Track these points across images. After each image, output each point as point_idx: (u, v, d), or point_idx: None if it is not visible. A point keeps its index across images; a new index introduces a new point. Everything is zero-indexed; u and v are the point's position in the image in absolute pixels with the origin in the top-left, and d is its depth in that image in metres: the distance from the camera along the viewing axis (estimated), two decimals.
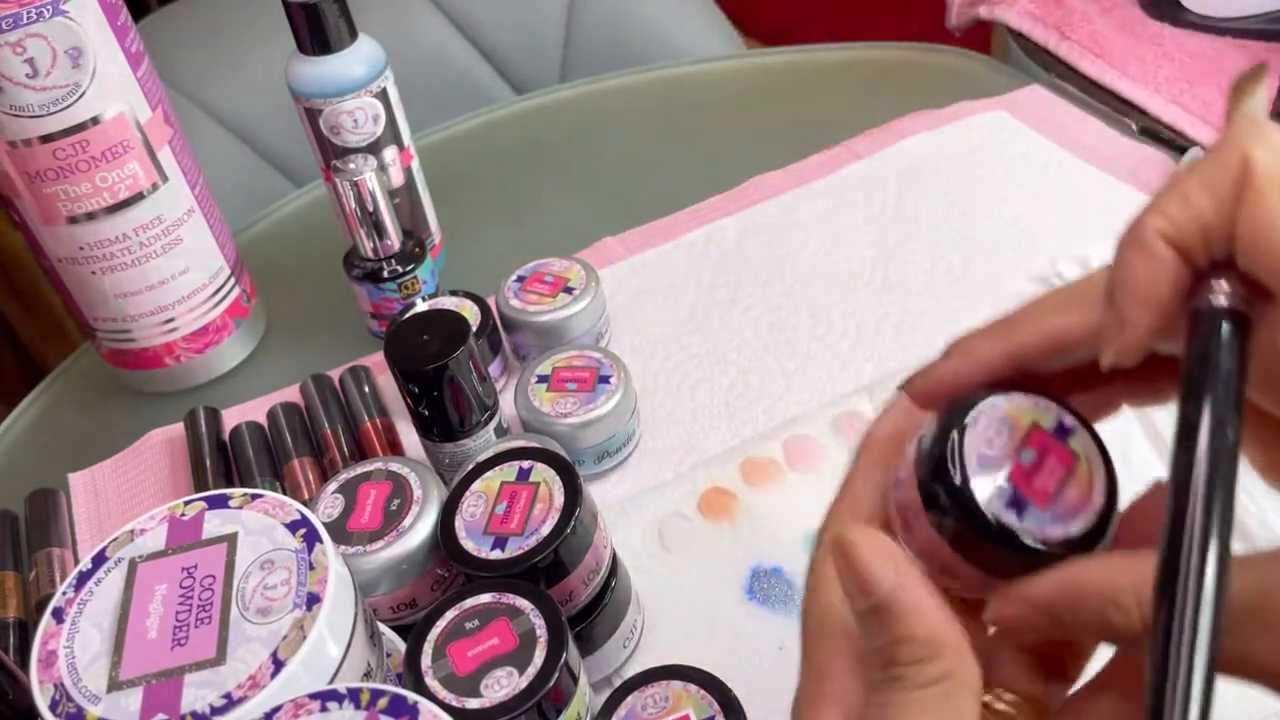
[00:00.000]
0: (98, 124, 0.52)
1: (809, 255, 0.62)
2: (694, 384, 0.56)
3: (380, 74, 0.58)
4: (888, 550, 0.24)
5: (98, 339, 0.60)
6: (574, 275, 0.56)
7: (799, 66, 0.83)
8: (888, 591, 0.23)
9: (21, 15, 0.48)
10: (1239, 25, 0.75)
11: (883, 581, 0.23)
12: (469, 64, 0.99)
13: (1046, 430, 0.25)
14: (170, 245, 0.57)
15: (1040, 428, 0.25)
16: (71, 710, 0.28)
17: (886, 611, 0.23)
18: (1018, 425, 0.25)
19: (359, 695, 0.27)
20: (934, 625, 0.23)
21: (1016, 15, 0.82)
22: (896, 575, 0.24)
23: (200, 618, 0.30)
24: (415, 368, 0.45)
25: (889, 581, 0.23)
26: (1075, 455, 0.25)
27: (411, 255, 0.59)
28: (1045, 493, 0.25)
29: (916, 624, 0.23)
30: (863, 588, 0.24)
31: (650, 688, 0.38)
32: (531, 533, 0.38)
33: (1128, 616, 0.22)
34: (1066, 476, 0.25)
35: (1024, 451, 0.25)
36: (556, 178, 0.75)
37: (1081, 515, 0.24)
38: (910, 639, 0.23)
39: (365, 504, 0.42)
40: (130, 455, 0.57)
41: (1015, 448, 0.25)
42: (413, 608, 0.41)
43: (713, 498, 0.48)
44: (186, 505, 0.33)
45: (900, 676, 0.23)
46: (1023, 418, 0.26)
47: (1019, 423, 0.25)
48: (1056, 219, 0.61)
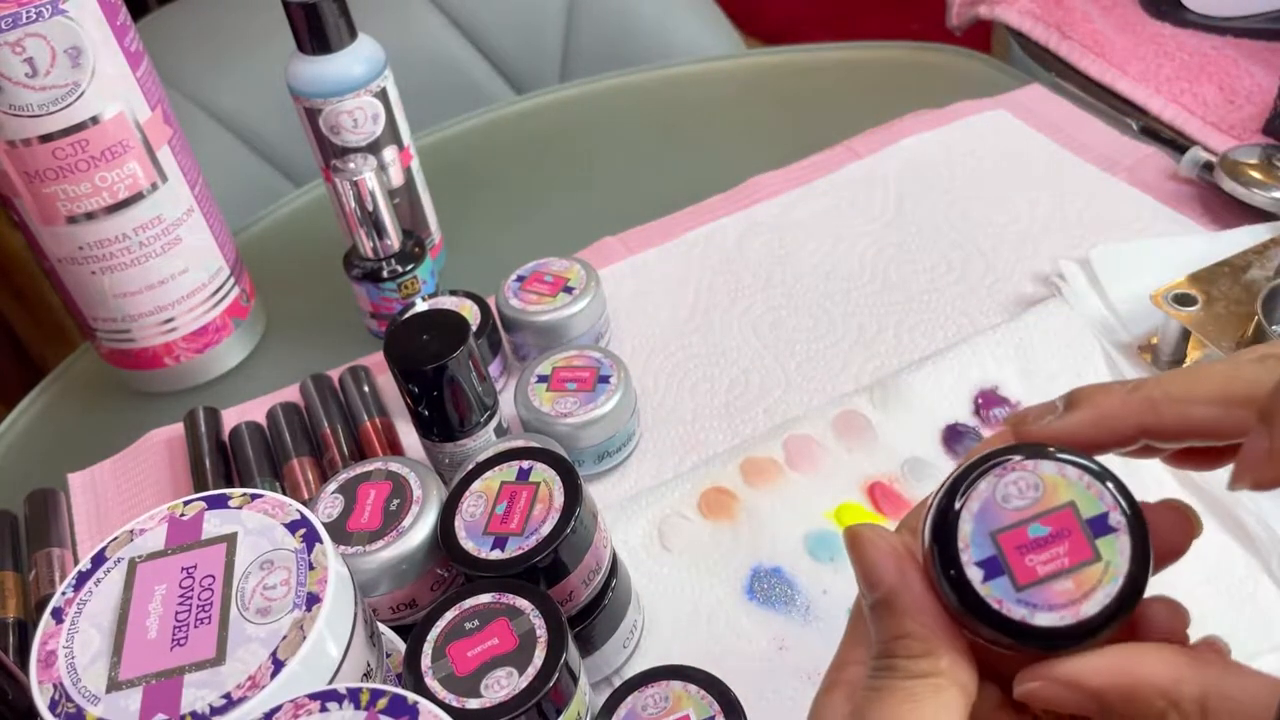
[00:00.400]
0: (97, 123, 0.52)
1: (809, 255, 0.62)
2: (694, 384, 0.56)
3: (380, 73, 0.58)
4: (893, 549, 0.25)
5: (97, 339, 0.60)
6: (574, 275, 0.56)
7: (799, 66, 0.83)
8: (889, 588, 0.24)
9: (21, 15, 0.48)
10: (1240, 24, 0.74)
11: (884, 577, 0.24)
12: (469, 64, 0.99)
13: (1080, 516, 0.24)
14: (170, 245, 0.57)
15: (1075, 510, 0.24)
16: (71, 710, 0.28)
17: (888, 607, 0.24)
18: (1050, 495, 0.24)
19: (359, 695, 0.27)
20: (931, 625, 0.24)
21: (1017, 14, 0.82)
22: (899, 575, 0.24)
23: (200, 618, 0.30)
24: (415, 368, 0.45)
25: (890, 578, 0.24)
26: (1096, 555, 0.23)
27: (411, 255, 0.59)
28: (1030, 572, 0.23)
29: (914, 622, 0.24)
30: (869, 582, 0.25)
31: (650, 688, 0.38)
32: (531, 533, 0.38)
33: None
34: (1067, 570, 0.23)
35: (1035, 525, 0.24)
36: (556, 178, 0.75)
37: (1057, 612, 0.23)
38: (908, 635, 0.24)
39: (365, 504, 0.42)
40: (130, 455, 0.57)
41: (1030, 515, 0.24)
42: (413, 608, 0.41)
43: (713, 498, 0.48)
44: (186, 505, 0.33)
45: (895, 666, 0.24)
46: (1061, 492, 0.24)
47: (1053, 494, 0.24)
48: (1057, 219, 0.61)
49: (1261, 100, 0.68)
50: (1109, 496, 0.24)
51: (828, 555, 0.45)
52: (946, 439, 0.49)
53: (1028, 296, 0.57)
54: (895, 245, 0.62)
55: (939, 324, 0.56)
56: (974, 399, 0.51)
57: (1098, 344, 0.52)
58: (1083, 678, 0.23)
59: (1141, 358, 0.51)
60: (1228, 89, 0.70)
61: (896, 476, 0.48)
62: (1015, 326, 0.53)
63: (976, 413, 0.50)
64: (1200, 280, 0.50)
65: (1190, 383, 0.24)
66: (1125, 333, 0.52)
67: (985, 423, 0.50)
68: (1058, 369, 0.51)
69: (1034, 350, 0.52)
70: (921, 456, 0.49)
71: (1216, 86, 0.70)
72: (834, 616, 0.43)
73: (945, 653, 0.24)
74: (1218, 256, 0.52)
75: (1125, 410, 0.25)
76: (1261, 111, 0.67)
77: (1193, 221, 0.59)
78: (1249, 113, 0.68)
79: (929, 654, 0.24)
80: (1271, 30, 0.74)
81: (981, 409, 0.50)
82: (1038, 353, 0.52)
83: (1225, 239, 0.55)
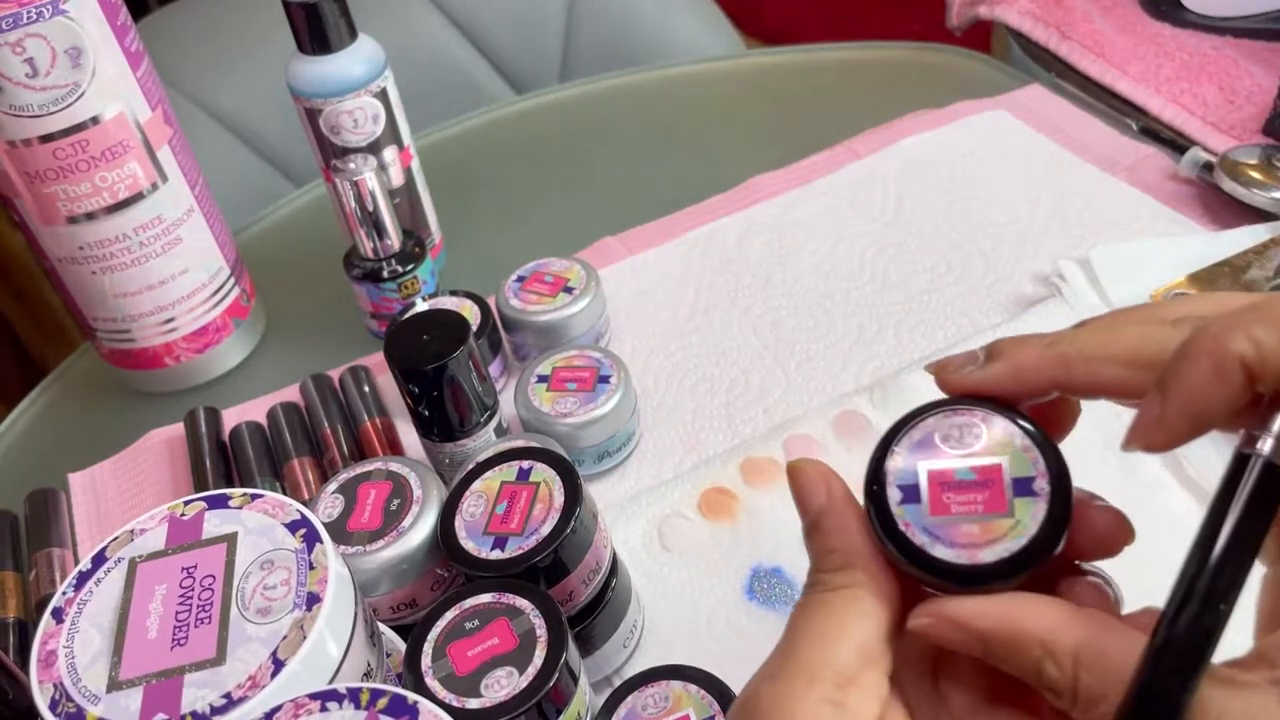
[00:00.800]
0: (97, 124, 0.52)
1: (809, 255, 0.62)
2: (694, 384, 0.56)
3: (380, 73, 0.58)
4: (823, 475, 0.27)
5: (98, 339, 0.60)
6: (574, 275, 0.56)
7: (799, 66, 0.83)
8: (817, 511, 0.26)
9: (21, 15, 0.48)
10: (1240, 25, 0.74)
11: (813, 501, 0.26)
12: (469, 64, 0.99)
13: (1008, 473, 0.25)
14: (170, 245, 0.57)
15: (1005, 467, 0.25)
16: (71, 710, 0.28)
17: (816, 528, 0.26)
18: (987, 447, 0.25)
19: (359, 695, 0.27)
20: (851, 542, 0.26)
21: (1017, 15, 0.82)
22: (826, 498, 0.26)
23: (200, 618, 0.30)
24: (415, 367, 0.45)
25: (819, 502, 0.26)
26: (1010, 511, 0.24)
27: (411, 255, 0.59)
28: (944, 507, 0.25)
29: (837, 540, 0.26)
30: (802, 507, 0.27)
31: (650, 688, 0.38)
32: (531, 533, 0.38)
33: (1063, 673, 0.22)
34: (978, 515, 0.24)
35: (963, 469, 0.25)
36: (556, 178, 0.75)
37: (955, 550, 0.24)
38: (830, 551, 0.26)
39: (365, 504, 0.42)
40: (130, 455, 0.57)
41: (962, 459, 0.25)
42: (413, 608, 0.41)
43: (713, 498, 0.48)
44: (186, 505, 0.33)
45: (817, 581, 0.26)
46: (999, 448, 0.25)
47: (991, 447, 0.25)
48: (1057, 219, 0.61)
49: (1261, 100, 0.68)
50: (1041, 464, 0.25)
51: None
52: None
53: (1028, 296, 0.57)
54: (895, 245, 0.62)
55: (939, 324, 0.56)
56: None
57: None
58: (969, 619, 0.24)
59: None
60: (1227, 89, 0.70)
61: None
62: (1015, 326, 0.53)
63: None
64: (1200, 280, 0.50)
65: (1104, 341, 0.25)
66: None
67: None
68: None
69: None
70: None
71: (1216, 87, 0.70)
72: None
73: (862, 566, 0.25)
74: (1218, 256, 0.52)
75: (1040, 364, 0.25)
76: (1261, 112, 0.67)
77: (1193, 222, 0.59)
78: (1249, 113, 0.68)
79: (846, 567, 0.25)
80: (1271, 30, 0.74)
81: None
82: None
83: (1225, 239, 0.55)
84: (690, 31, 1.00)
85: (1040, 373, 0.25)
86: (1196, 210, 0.60)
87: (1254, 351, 0.21)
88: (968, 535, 0.24)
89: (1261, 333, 0.21)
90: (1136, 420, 0.23)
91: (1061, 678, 0.22)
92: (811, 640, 0.25)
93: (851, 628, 0.25)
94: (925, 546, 0.24)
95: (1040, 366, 0.25)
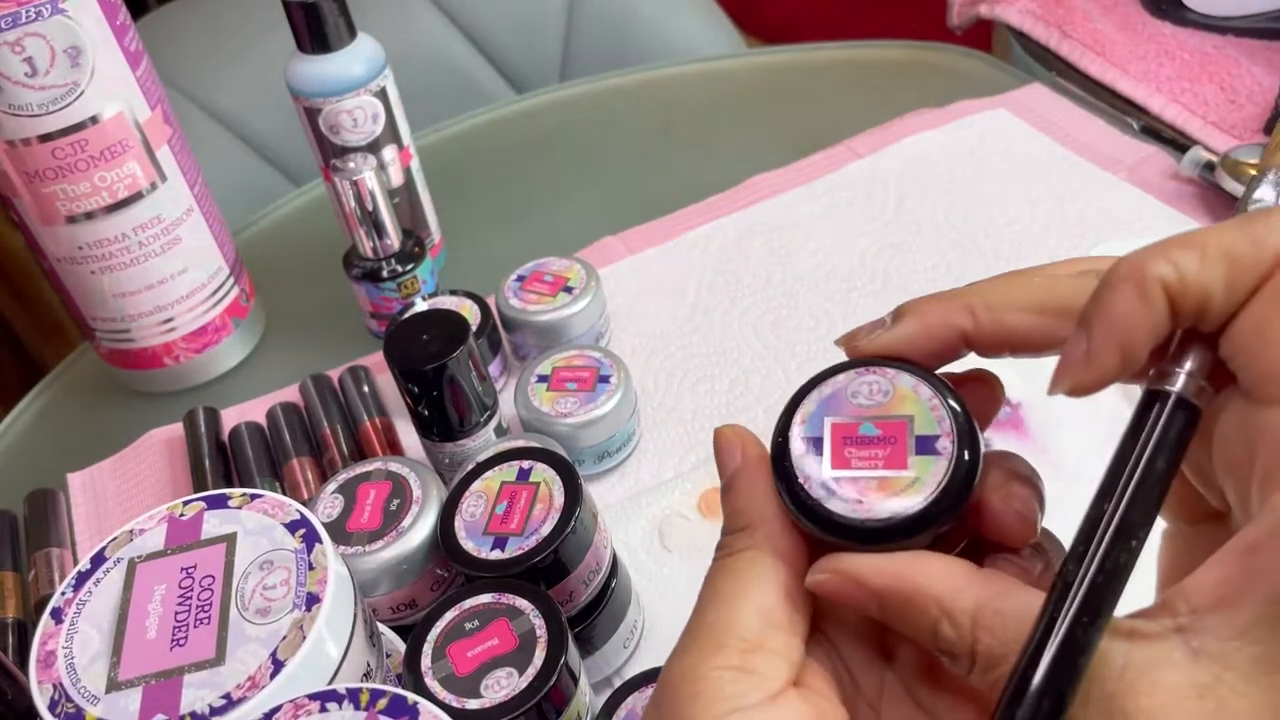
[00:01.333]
0: (96, 123, 0.52)
1: (809, 255, 0.62)
2: (694, 384, 0.56)
3: (380, 73, 0.58)
4: (740, 439, 0.26)
5: (97, 339, 0.60)
6: (574, 275, 0.56)
7: (799, 65, 0.83)
8: (731, 473, 0.26)
9: (20, 14, 0.48)
10: (1241, 24, 0.74)
11: (728, 465, 0.26)
12: (469, 64, 0.99)
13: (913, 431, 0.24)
14: (169, 245, 0.57)
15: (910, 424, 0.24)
16: (70, 710, 0.28)
17: (727, 490, 0.26)
18: (894, 404, 0.25)
19: (359, 696, 0.27)
20: (755, 503, 0.25)
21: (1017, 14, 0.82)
22: (740, 461, 0.26)
23: (199, 618, 0.30)
24: (415, 367, 0.45)
25: (733, 465, 0.26)
26: (909, 468, 0.24)
27: (411, 255, 0.59)
28: (844, 460, 0.24)
29: (743, 501, 0.25)
30: (719, 472, 0.26)
31: (650, 688, 0.38)
32: (531, 533, 0.38)
33: (960, 635, 0.22)
34: (879, 470, 0.24)
35: (868, 424, 0.24)
36: (556, 178, 0.75)
37: (850, 505, 0.24)
38: (735, 513, 0.26)
39: (365, 504, 0.42)
40: (129, 455, 0.57)
41: (865, 414, 0.25)
42: (413, 608, 0.41)
43: (713, 498, 0.48)
44: (185, 505, 0.33)
45: (722, 545, 0.26)
46: (906, 404, 0.24)
47: (898, 403, 0.25)
48: (1057, 218, 0.61)
49: (1262, 100, 0.68)
50: (948, 424, 0.24)
51: None
52: None
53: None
54: (895, 245, 0.62)
55: None
56: None
57: None
58: (864, 576, 0.23)
59: None
60: (1229, 88, 0.70)
61: None
62: None
63: None
64: None
65: (1006, 290, 0.25)
66: None
67: None
68: None
69: None
70: None
71: (1217, 86, 0.70)
72: None
73: (764, 526, 0.25)
74: None
75: (946, 318, 0.25)
76: (1262, 111, 0.67)
77: (1194, 221, 0.59)
78: (1250, 112, 0.68)
79: (747, 528, 0.25)
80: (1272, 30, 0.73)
81: None
82: None
83: None
84: (690, 31, 1.00)
85: (947, 328, 0.25)
86: (1198, 210, 0.60)
87: (1174, 274, 0.21)
88: (864, 490, 0.24)
89: (1181, 257, 0.21)
90: (1062, 360, 0.22)
91: (959, 639, 0.22)
92: (714, 607, 0.24)
93: (752, 590, 0.24)
94: (821, 500, 0.24)
95: (946, 321, 0.25)
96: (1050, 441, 0.48)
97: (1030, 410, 0.50)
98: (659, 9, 1.00)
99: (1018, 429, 0.49)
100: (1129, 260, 0.22)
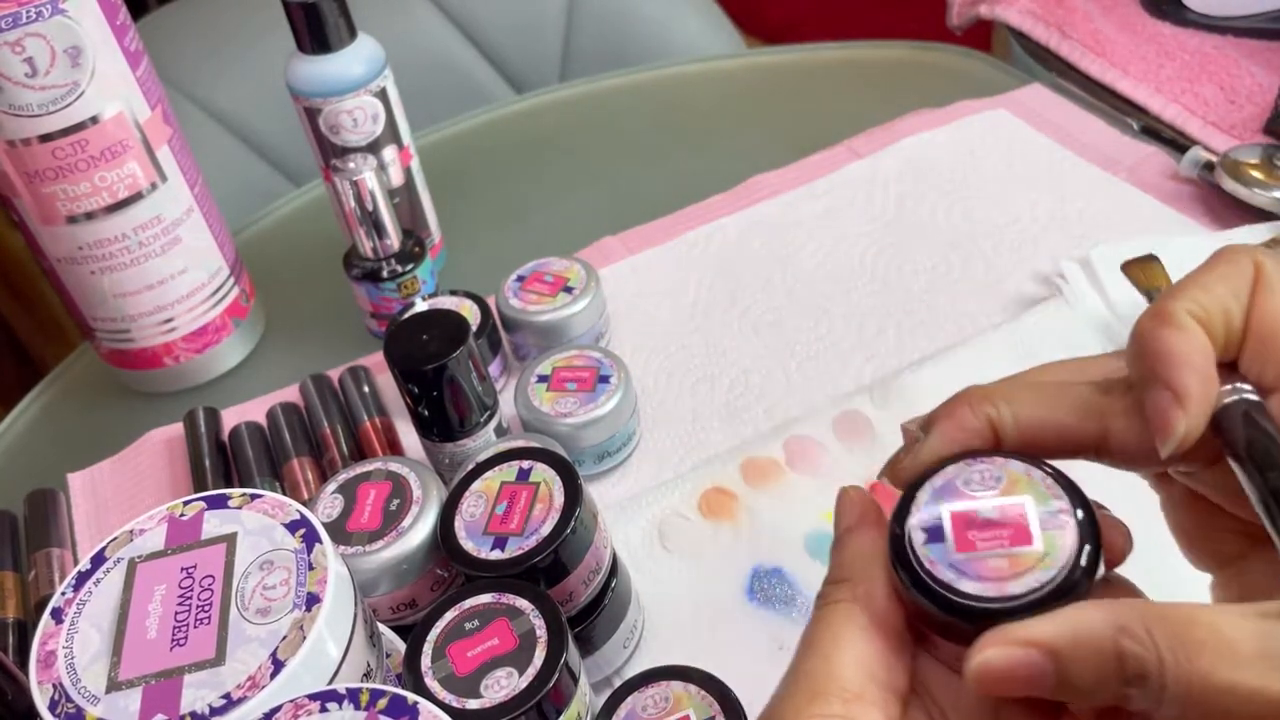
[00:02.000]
0: (97, 123, 0.52)
1: (809, 255, 0.62)
2: (694, 384, 0.56)
3: (380, 73, 0.58)
4: (860, 501, 0.27)
5: (97, 339, 0.60)
6: (574, 275, 0.56)
7: (799, 66, 0.83)
8: (844, 529, 0.27)
9: (21, 14, 0.48)
10: (1241, 24, 0.74)
11: (844, 520, 0.27)
12: (469, 64, 0.99)
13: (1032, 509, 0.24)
14: (169, 245, 0.57)
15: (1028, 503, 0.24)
16: (70, 710, 0.28)
17: (837, 543, 0.27)
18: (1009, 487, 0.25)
19: (359, 695, 0.27)
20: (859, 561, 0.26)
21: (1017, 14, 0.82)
22: (858, 521, 0.27)
23: (199, 618, 0.30)
24: (415, 367, 0.45)
25: (848, 522, 0.27)
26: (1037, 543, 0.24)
27: (411, 255, 0.59)
28: (969, 544, 0.24)
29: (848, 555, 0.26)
30: (835, 523, 0.28)
31: (650, 688, 0.38)
32: (531, 533, 0.38)
33: (1144, 644, 0.21)
34: (1005, 549, 0.24)
35: (986, 508, 0.25)
36: (556, 178, 0.75)
37: (984, 584, 0.24)
38: (838, 565, 0.27)
39: (365, 504, 0.42)
40: (129, 455, 0.57)
41: (982, 499, 0.25)
42: (413, 608, 0.41)
43: (713, 498, 0.48)
44: (186, 505, 0.33)
45: (822, 594, 0.27)
46: (1020, 486, 0.25)
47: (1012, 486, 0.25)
48: (1057, 219, 0.61)
49: (1262, 100, 0.68)
50: (1065, 500, 0.24)
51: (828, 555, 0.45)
52: None
53: (1028, 296, 0.56)
54: (895, 245, 0.62)
55: (939, 324, 0.56)
56: None
57: (1098, 344, 0.52)
58: (1033, 634, 0.22)
59: None
60: (1228, 89, 0.70)
61: None
62: (1015, 326, 0.53)
63: None
64: None
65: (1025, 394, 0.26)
66: (1126, 333, 0.52)
67: None
68: None
69: (1034, 350, 0.52)
70: None
71: (1217, 86, 0.70)
72: None
73: (862, 581, 0.26)
74: None
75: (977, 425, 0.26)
76: (1262, 111, 0.67)
77: (1193, 221, 0.59)
78: (1250, 112, 0.68)
79: (847, 580, 0.26)
80: (1272, 30, 0.73)
81: None
82: (1038, 353, 0.52)
83: (1226, 239, 0.55)
84: (690, 31, 1.00)
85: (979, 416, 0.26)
86: (1197, 210, 0.60)
87: (1197, 307, 0.24)
88: (996, 569, 0.24)
89: (1189, 292, 0.24)
90: (1154, 418, 0.23)
91: (1145, 649, 0.21)
92: (814, 654, 0.25)
93: (851, 640, 0.25)
94: (953, 582, 0.24)
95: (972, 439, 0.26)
96: None
97: None
98: (659, 9, 1.00)
99: None
100: (1150, 312, 0.24)
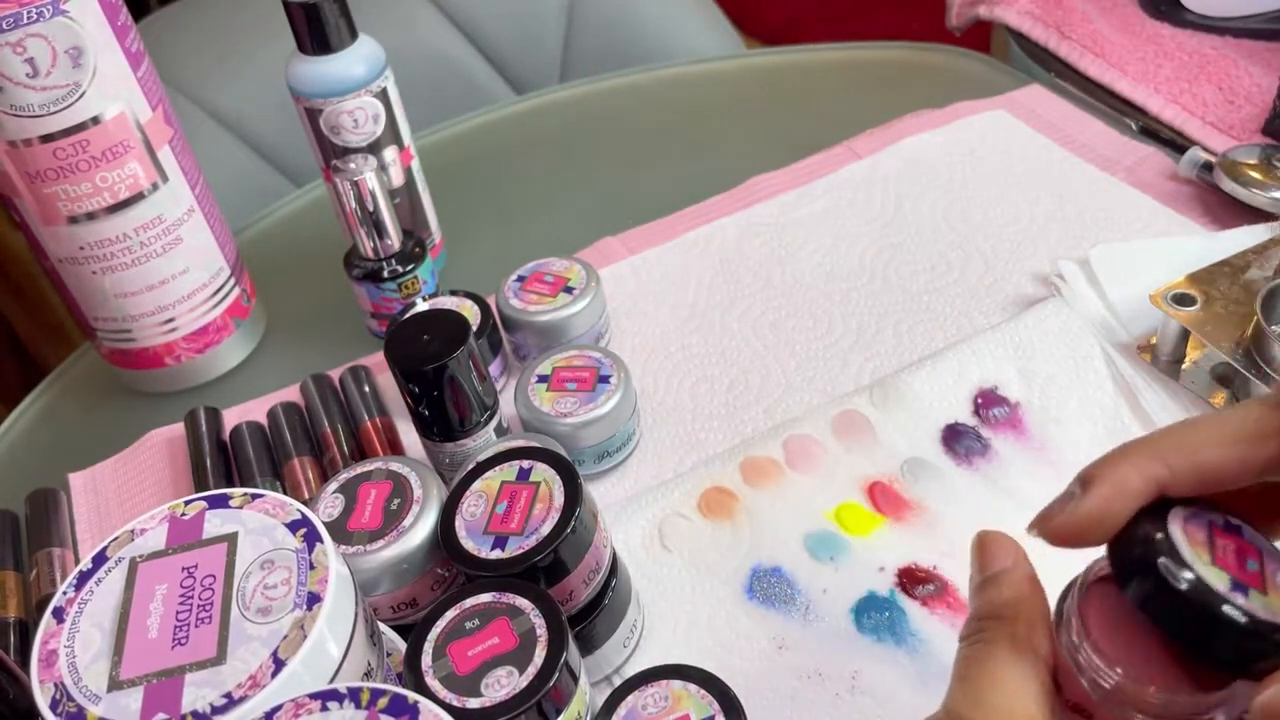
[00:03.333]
0: (98, 124, 0.52)
1: (809, 255, 0.62)
2: (694, 384, 0.56)
3: (380, 74, 0.58)
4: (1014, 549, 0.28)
5: (98, 339, 0.60)
6: (574, 275, 0.56)
7: (799, 66, 0.83)
8: (1001, 568, 0.28)
9: (22, 15, 0.48)
10: (1239, 25, 0.75)
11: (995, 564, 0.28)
12: (469, 64, 0.99)
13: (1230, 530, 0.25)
14: (170, 245, 0.57)
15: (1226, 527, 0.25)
16: (72, 710, 0.28)
17: (988, 583, 0.28)
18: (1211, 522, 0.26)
19: (359, 695, 0.27)
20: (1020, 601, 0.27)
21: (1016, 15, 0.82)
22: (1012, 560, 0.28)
23: (201, 617, 0.30)
24: (415, 367, 0.45)
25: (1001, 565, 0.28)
26: (1255, 545, 0.25)
27: (411, 255, 0.59)
28: (1257, 577, 0.24)
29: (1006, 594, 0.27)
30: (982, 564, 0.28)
31: (650, 687, 0.38)
32: (531, 532, 0.38)
33: None
34: (1260, 561, 0.25)
35: (1218, 545, 0.25)
36: (556, 178, 0.75)
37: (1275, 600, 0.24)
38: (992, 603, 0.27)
39: (365, 503, 0.42)
40: (130, 455, 0.57)
41: (1211, 541, 0.25)
42: (413, 607, 0.41)
43: (713, 498, 0.48)
44: (187, 505, 0.33)
45: (980, 628, 0.27)
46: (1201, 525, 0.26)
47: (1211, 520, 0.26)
48: (1056, 219, 0.61)
49: (1261, 100, 0.68)
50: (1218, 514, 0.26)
51: (828, 555, 0.45)
52: (946, 439, 0.49)
53: (1027, 296, 0.57)
54: (895, 245, 0.62)
55: (939, 324, 0.56)
56: (973, 399, 0.51)
57: (1097, 344, 0.52)
58: None
59: (1141, 358, 0.51)
60: (1227, 89, 0.70)
61: (896, 476, 0.48)
62: (1015, 326, 0.53)
63: (976, 413, 0.50)
64: (1199, 280, 0.51)
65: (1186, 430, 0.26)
66: (1124, 333, 0.52)
67: (985, 423, 0.50)
68: (1057, 369, 0.51)
69: (1033, 350, 0.52)
70: (921, 456, 0.49)
71: (1216, 87, 0.70)
72: (833, 616, 0.43)
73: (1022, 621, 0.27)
74: (1217, 257, 0.52)
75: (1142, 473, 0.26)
76: (1261, 112, 0.67)
77: (1192, 221, 0.59)
78: (1248, 113, 0.68)
79: (1006, 618, 0.27)
80: (1271, 30, 0.74)
81: (981, 409, 0.50)
82: (1037, 353, 0.52)
83: (1224, 239, 0.55)
84: (690, 31, 1.00)
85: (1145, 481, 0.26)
86: (1196, 210, 0.61)
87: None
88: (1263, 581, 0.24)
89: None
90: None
91: None
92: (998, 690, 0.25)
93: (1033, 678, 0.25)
94: (1224, 593, 0.24)
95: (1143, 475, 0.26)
96: (1050, 441, 0.49)
97: (1030, 410, 0.50)
98: (659, 9, 1.00)
99: (1017, 429, 0.49)
100: None
